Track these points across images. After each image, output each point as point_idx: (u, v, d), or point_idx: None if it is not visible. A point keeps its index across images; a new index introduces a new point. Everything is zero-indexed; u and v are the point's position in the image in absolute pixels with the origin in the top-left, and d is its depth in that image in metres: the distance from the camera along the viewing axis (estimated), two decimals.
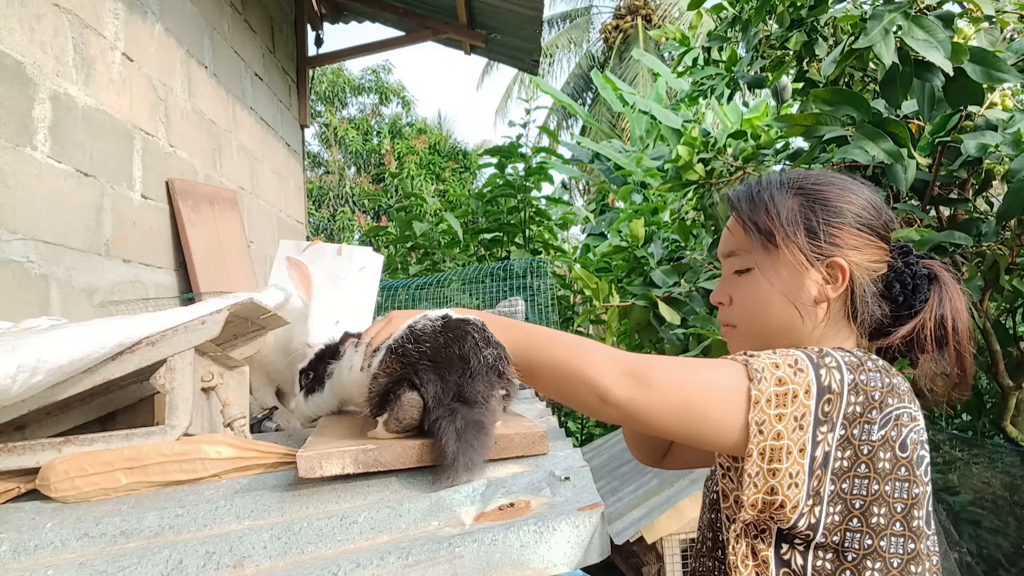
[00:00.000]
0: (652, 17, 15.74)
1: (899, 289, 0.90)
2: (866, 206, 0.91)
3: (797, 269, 0.89)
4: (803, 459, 0.75)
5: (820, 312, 0.90)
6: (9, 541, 0.82)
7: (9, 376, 0.85)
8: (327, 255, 2.20)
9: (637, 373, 0.79)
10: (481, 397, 0.96)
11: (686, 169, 3.05)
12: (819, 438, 0.76)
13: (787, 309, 0.90)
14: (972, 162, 2.26)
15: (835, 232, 0.89)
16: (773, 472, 0.76)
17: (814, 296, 0.89)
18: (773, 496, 0.76)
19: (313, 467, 0.89)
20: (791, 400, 0.76)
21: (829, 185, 0.93)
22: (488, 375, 0.97)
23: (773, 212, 0.91)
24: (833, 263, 0.89)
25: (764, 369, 0.78)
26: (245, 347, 1.38)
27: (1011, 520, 3.27)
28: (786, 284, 0.90)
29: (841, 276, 0.89)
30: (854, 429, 0.76)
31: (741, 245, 0.95)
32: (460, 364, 0.96)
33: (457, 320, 1.02)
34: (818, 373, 0.77)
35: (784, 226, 0.90)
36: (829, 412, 0.76)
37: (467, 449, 0.90)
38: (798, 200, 0.92)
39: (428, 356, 0.97)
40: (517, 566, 0.74)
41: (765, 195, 0.93)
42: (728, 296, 0.97)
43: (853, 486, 0.76)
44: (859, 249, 0.89)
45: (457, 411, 0.93)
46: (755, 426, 0.76)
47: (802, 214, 0.90)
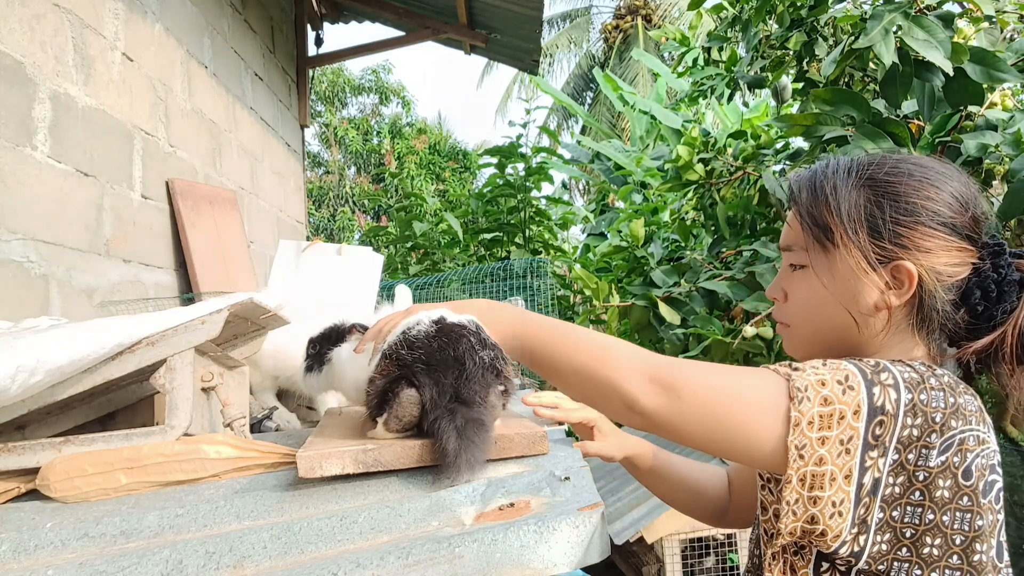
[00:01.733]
0: (652, 17, 15.74)
1: (979, 296, 0.79)
2: (949, 202, 0.79)
3: (856, 271, 0.79)
4: (848, 486, 0.68)
5: (880, 321, 0.80)
6: (9, 541, 0.82)
7: (8, 376, 0.85)
8: (327, 255, 2.21)
9: (666, 381, 0.73)
10: (479, 397, 0.96)
11: (686, 169, 3.05)
12: (868, 463, 0.68)
13: (841, 315, 0.81)
14: (972, 162, 2.26)
15: (904, 232, 0.78)
16: (814, 500, 0.69)
17: (874, 302, 0.79)
18: (813, 525, 0.69)
19: (313, 467, 0.89)
20: (837, 422, 0.68)
21: (906, 176, 0.81)
22: (484, 376, 0.97)
23: (833, 205, 0.81)
24: (899, 267, 0.78)
25: (808, 388, 0.70)
26: (245, 347, 1.38)
27: (1011, 520, 3.27)
28: (842, 287, 0.81)
29: (908, 282, 0.78)
30: (909, 454, 0.68)
31: (797, 239, 0.86)
32: (455, 366, 0.96)
33: (451, 323, 1.02)
34: (871, 392, 0.69)
35: (844, 222, 0.80)
36: (881, 436, 0.68)
37: (469, 446, 0.89)
38: (865, 193, 0.81)
39: (423, 360, 0.97)
40: (517, 566, 0.74)
41: (828, 185, 0.83)
42: (783, 292, 0.89)
43: (904, 514, 0.69)
44: (933, 252, 0.78)
45: (456, 411, 0.93)
46: (795, 450, 0.69)
47: (867, 210, 0.80)
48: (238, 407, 1.22)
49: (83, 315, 1.92)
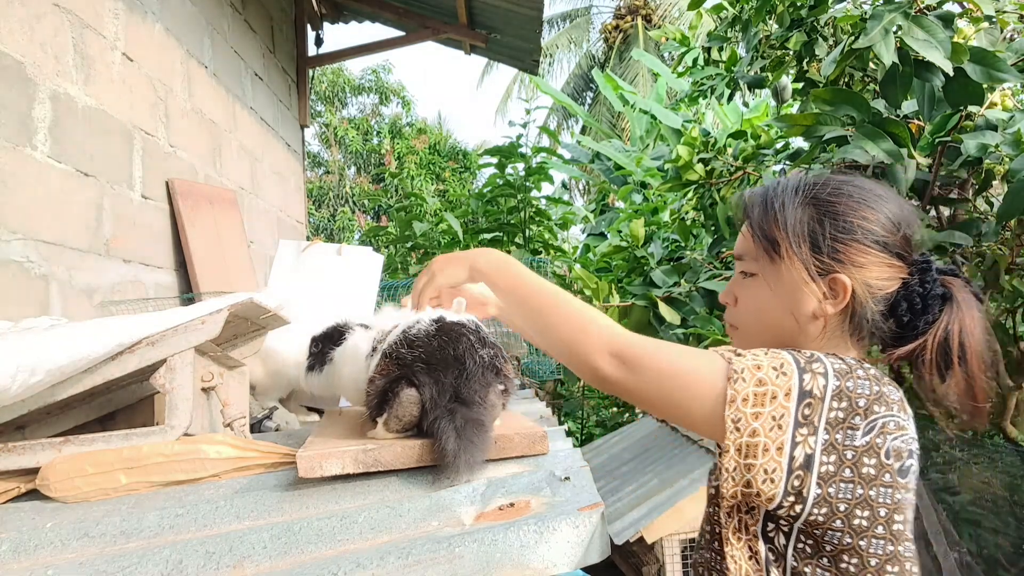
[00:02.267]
0: (652, 17, 15.74)
1: (905, 308, 0.88)
2: (883, 222, 0.89)
3: (798, 281, 0.89)
4: (780, 457, 0.78)
5: (818, 326, 0.90)
6: (9, 541, 0.82)
7: (9, 376, 0.85)
8: (327, 255, 2.21)
9: (626, 356, 0.84)
10: (478, 397, 0.96)
11: (686, 169, 3.05)
12: (799, 439, 0.78)
13: (786, 319, 0.91)
14: (972, 162, 2.26)
15: (841, 248, 0.88)
16: (749, 467, 0.79)
17: (812, 310, 0.89)
18: (749, 489, 0.80)
19: (313, 467, 0.89)
20: (770, 400, 0.79)
21: (845, 196, 0.90)
22: (484, 375, 0.97)
23: (781, 221, 0.91)
24: (835, 279, 0.88)
25: (744, 370, 0.80)
26: (245, 347, 1.38)
27: (1011, 520, 3.27)
28: (786, 294, 0.91)
29: (842, 293, 0.88)
30: (837, 434, 0.78)
31: (749, 250, 0.95)
32: (456, 365, 0.97)
33: (451, 323, 1.02)
34: (802, 378, 0.79)
35: (789, 237, 0.90)
36: (810, 416, 0.78)
37: (468, 447, 0.90)
38: (809, 211, 0.90)
39: (423, 359, 0.97)
40: (517, 566, 0.75)
41: (777, 202, 0.93)
42: (734, 297, 0.98)
43: (839, 490, 0.78)
44: (866, 267, 0.88)
45: (456, 411, 0.94)
46: (731, 423, 0.79)
47: (810, 226, 0.89)
48: (238, 407, 1.22)
49: (83, 315, 1.92)
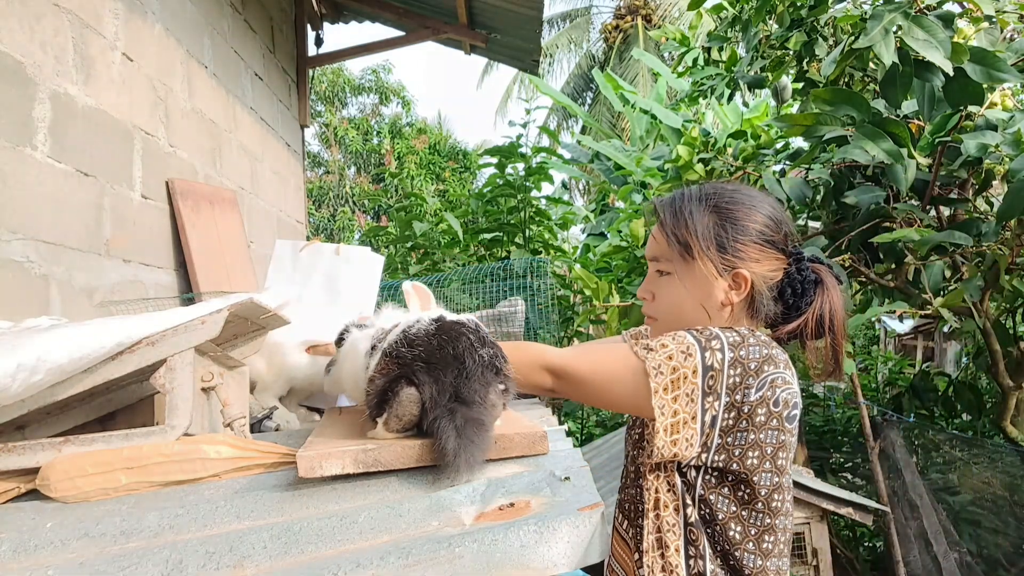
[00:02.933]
0: (652, 17, 15.73)
1: (789, 293, 1.07)
2: (768, 223, 1.07)
3: (708, 277, 1.05)
4: (695, 424, 0.96)
5: (726, 313, 1.07)
6: (9, 541, 0.82)
7: (9, 375, 0.85)
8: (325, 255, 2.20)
9: (558, 373, 1.04)
10: (478, 396, 0.96)
11: (686, 169, 3.05)
12: (706, 407, 0.96)
13: (698, 310, 1.07)
14: (972, 162, 2.26)
15: (741, 247, 1.05)
16: (675, 442, 0.97)
17: (721, 300, 1.06)
18: (675, 458, 0.99)
19: (313, 467, 0.89)
20: (683, 381, 0.96)
21: (739, 204, 1.08)
22: (484, 374, 0.98)
23: (692, 227, 1.07)
24: (738, 274, 1.05)
25: (660, 364, 0.97)
26: (245, 347, 1.38)
27: (1011, 520, 3.27)
28: (698, 289, 1.07)
29: (744, 284, 1.05)
30: (736, 395, 0.96)
31: (663, 252, 1.10)
32: (455, 364, 0.97)
33: (451, 322, 1.03)
34: (704, 355, 0.96)
35: (700, 240, 1.06)
36: (713, 386, 0.96)
37: (468, 446, 0.90)
38: (713, 217, 1.07)
39: (422, 358, 0.98)
40: (517, 566, 0.75)
41: (686, 211, 1.08)
42: (651, 293, 1.13)
43: (736, 440, 0.97)
44: (760, 261, 1.06)
45: (456, 410, 0.94)
46: (658, 409, 0.97)
47: (714, 231, 1.06)
48: (238, 407, 1.22)
49: (83, 315, 1.92)
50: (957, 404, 3.64)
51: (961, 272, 2.40)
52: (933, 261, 2.27)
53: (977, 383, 4.01)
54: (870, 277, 2.60)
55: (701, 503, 1.00)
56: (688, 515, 1.01)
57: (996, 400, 3.42)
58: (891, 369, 5.81)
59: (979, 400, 3.50)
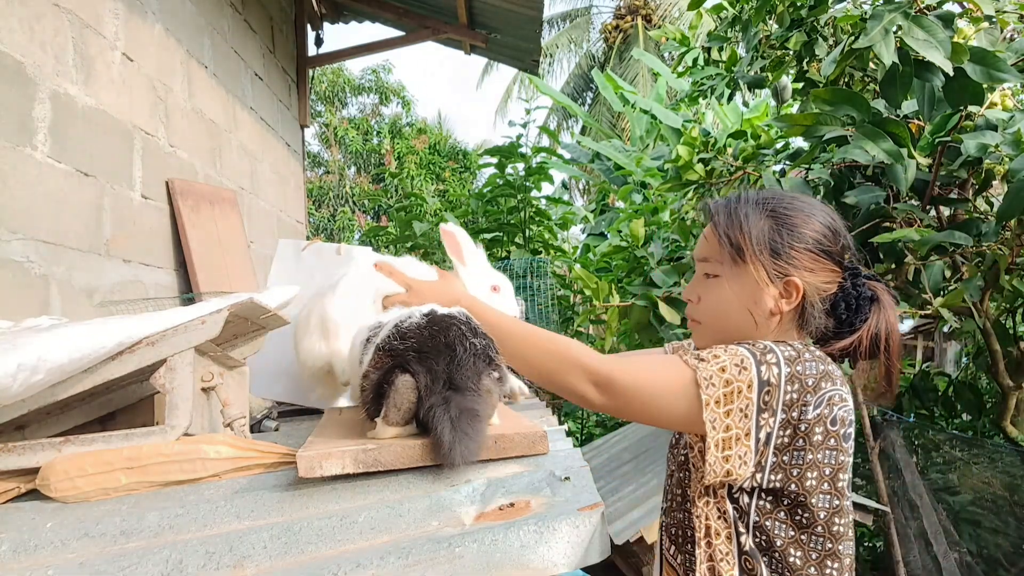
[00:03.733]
0: (652, 17, 15.73)
1: (843, 308, 1.03)
2: (826, 233, 1.03)
3: (759, 283, 1.02)
4: (748, 441, 0.92)
5: (773, 322, 1.03)
6: (9, 541, 0.82)
7: (10, 375, 0.85)
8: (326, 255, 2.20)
9: (602, 385, 0.97)
10: (471, 384, 0.98)
11: (686, 169, 3.05)
12: (761, 423, 0.91)
13: (745, 316, 1.03)
14: (972, 162, 2.26)
15: (795, 255, 1.01)
16: (727, 458, 0.92)
17: (770, 308, 1.02)
18: (728, 476, 0.93)
19: (313, 467, 0.90)
20: (736, 396, 0.91)
21: (797, 211, 1.04)
22: (476, 363, 1.00)
23: (746, 230, 1.03)
24: (790, 282, 1.01)
25: (712, 376, 0.92)
26: (245, 347, 1.38)
27: (1011, 520, 3.27)
28: (747, 294, 1.03)
29: (795, 293, 1.01)
30: (793, 412, 0.91)
31: (713, 253, 1.06)
32: (447, 352, 0.99)
33: (442, 315, 1.05)
34: (759, 370, 0.92)
35: (753, 244, 1.02)
36: (769, 401, 0.91)
37: (462, 438, 0.91)
38: (769, 222, 1.03)
39: (415, 349, 0.99)
40: (517, 566, 0.75)
41: (741, 212, 1.04)
42: (697, 295, 1.09)
43: (793, 458, 0.92)
44: (814, 271, 1.02)
45: (451, 400, 0.95)
46: (709, 423, 0.92)
47: (769, 236, 1.02)
48: (238, 407, 1.22)
49: (83, 315, 1.92)
50: (957, 404, 3.64)
51: (961, 272, 2.40)
52: (933, 261, 2.27)
53: (977, 383, 4.01)
54: None
55: (756, 530, 0.95)
56: (742, 543, 0.96)
57: (996, 400, 3.42)
58: None
59: (979, 400, 3.50)
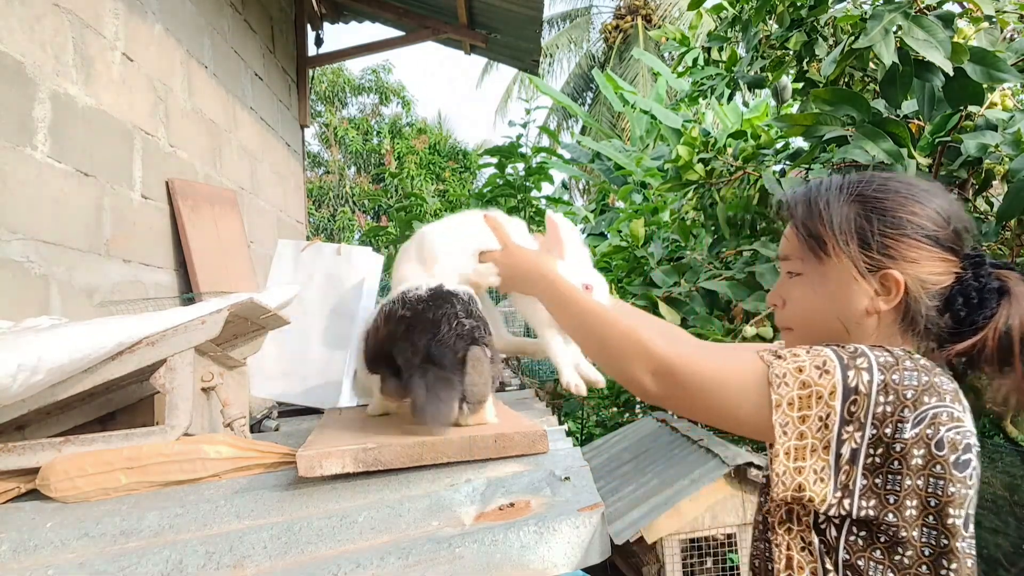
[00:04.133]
0: (652, 17, 15.73)
1: (961, 303, 0.86)
2: (933, 217, 0.87)
3: (847, 278, 0.88)
4: (827, 455, 0.78)
5: (871, 323, 0.88)
6: (9, 541, 0.82)
7: (10, 375, 0.85)
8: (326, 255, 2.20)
9: (661, 372, 0.86)
10: (447, 361, 1.04)
11: (686, 169, 3.05)
12: (844, 436, 0.78)
13: (836, 318, 0.90)
14: (972, 162, 2.26)
15: (891, 243, 0.86)
16: (799, 470, 0.79)
17: (864, 307, 0.88)
18: (801, 493, 0.79)
19: (313, 466, 0.90)
20: (815, 401, 0.79)
21: (892, 193, 0.89)
22: (457, 342, 1.05)
23: (826, 219, 0.90)
24: (887, 275, 0.86)
25: (786, 374, 0.80)
26: (245, 347, 1.38)
27: (1011, 520, 3.27)
28: (835, 293, 0.89)
29: (895, 289, 0.86)
30: (886, 428, 0.77)
31: (794, 250, 0.94)
32: (431, 329, 1.05)
33: (445, 292, 1.12)
34: (845, 375, 0.78)
35: (836, 234, 0.88)
36: (856, 412, 0.78)
37: (434, 400, 0.99)
38: (855, 207, 0.89)
39: (407, 320, 1.08)
40: (517, 566, 0.74)
41: (821, 200, 0.91)
42: (782, 299, 0.97)
43: (887, 482, 0.78)
44: (918, 262, 0.86)
45: (428, 370, 1.03)
46: (779, 427, 0.79)
47: (857, 223, 0.88)
48: (238, 407, 1.22)
49: (83, 315, 1.92)
50: None
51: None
52: None
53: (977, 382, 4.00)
54: None
55: (848, 570, 0.81)
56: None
57: None
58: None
59: (979, 400, 3.49)
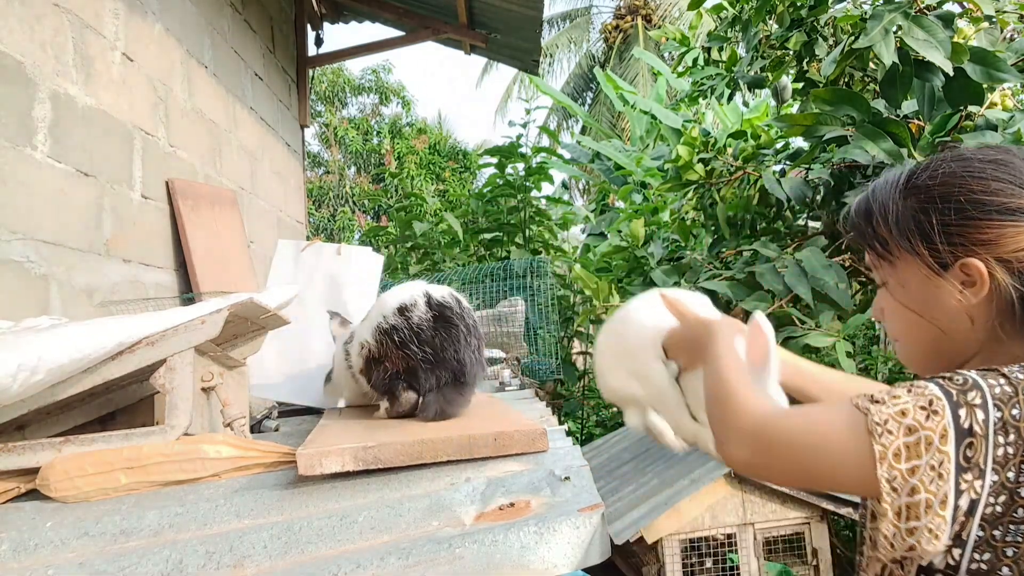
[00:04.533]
0: (652, 17, 15.73)
1: None
2: (997, 187, 0.77)
3: (923, 278, 0.81)
4: (944, 511, 0.67)
5: (969, 324, 0.79)
6: (9, 540, 0.82)
7: (10, 375, 0.85)
8: (326, 255, 2.21)
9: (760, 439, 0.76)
10: (470, 379, 1.17)
11: (686, 169, 3.05)
12: (963, 486, 0.67)
13: (926, 324, 0.82)
14: None
15: (957, 230, 0.78)
16: (911, 531, 0.69)
17: (954, 305, 0.79)
18: (911, 552, 0.71)
19: (313, 464, 0.90)
20: (925, 448, 0.68)
21: (946, 175, 0.81)
22: (476, 368, 1.17)
23: (883, 219, 0.84)
24: (965, 264, 0.77)
25: (888, 420, 0.69)
26: (245, 347, 1.38)
27: None
28: (917, 295, 0.82)
29: (979, 278, 0.77)
30: (1008, 473, 0.67)
31: (872, 259, 0.88)
32: (456, 365, 1.16)
33: (447, 313, 1.17)
34: (956, 414, 0.68)
35: (896, 234, 0.82)
36: (973, 457, 0.67)
37: (439, 399, 1.12)
38: (911, 200, 0.82)
39: (429, 360, 1.14)
40: (517, 567, 0.74)
41: (878, 200, 0.85)
42: (881, 309, 0.90)
43: (1007, 532, 0.68)
44: (997, 241, 0.76)
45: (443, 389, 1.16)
46: (886, 483, 0.68)
47: (915, 217, 0.81)
48: (238, 407, 1.22)
49: (83, 315, 1.92)
50: None
51: None
52: None
53: None
54: (870, 277, 2.59)
55: None
56: None
57: None
58: (891, 369, 5.80)
59: None
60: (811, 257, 2.31)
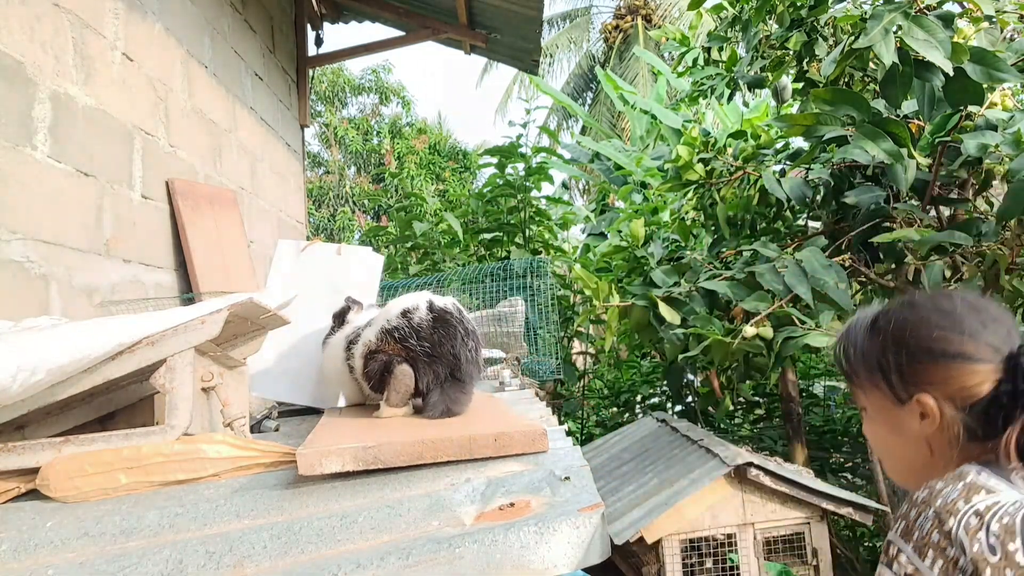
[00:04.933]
0: (652, 17, 15.73)
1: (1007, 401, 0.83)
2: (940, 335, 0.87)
3: (889, 409, 0.92)
4: None
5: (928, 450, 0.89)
6: (9, 540, 0.82)
7: (10, 375, 0.85)
8: (326, 255, 2.20)
9: None
10: (468, 377, 1.19)
11: (686, 169, 3.05)
12: None
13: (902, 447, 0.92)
14: (972, 162, 2.26)
15: (910, 371, 0.89)
16: None
17: (916, 433, 0.89)
18: None
19: (313, 464, 0.90)
20: None
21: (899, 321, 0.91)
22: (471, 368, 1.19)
23: (854, 355, 0.96)
24: (920, 400, 0.87)
25: None
26: (245, 347, 1.38)
27: None
28: (890, 423, 0.93)
29: (931, 412, 0.87)
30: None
31: (851, 386, 0.99)
32: (452, 360, 1.18)
33: (447, 318, 1.20)
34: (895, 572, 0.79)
35: (863, 370, 0.94)
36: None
37: (444, 397, 1.16)
38: (874, 341, 0.93)
39: (427, 353, 1.17)
40: (517, 567, 0.74)
41: (850, 339, 0.97)
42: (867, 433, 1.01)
43: None
44: (946, 382, 0.86)
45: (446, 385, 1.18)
46: None
47: (876, 357, 0.92)
48: (238, 407, 1.22)
49: (83, 315, 1.92)
50: None
51: (961, 272, 2.40)
52: (933, 261, 2.27)
53: None
54: (870, 277, 2.60)
55: None
56: None
57: None
58: None
59: None
60: (811, 257, 2.31)
